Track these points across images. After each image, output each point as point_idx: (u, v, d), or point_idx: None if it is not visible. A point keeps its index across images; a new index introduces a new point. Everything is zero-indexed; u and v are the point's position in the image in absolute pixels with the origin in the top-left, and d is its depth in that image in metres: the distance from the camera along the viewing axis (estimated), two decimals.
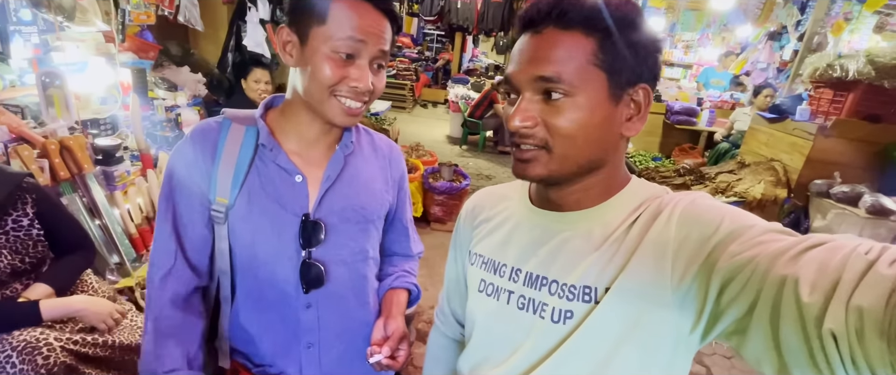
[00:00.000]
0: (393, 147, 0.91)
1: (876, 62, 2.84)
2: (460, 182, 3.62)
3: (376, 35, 0.70)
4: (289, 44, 0.72)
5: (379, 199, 0.86)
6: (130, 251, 1.72)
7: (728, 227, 0.46)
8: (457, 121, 6.61)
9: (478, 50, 11.85)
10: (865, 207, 2.71)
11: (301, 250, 0.76)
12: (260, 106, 0.80)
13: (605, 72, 0.50)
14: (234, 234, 0.76)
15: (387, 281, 0.92)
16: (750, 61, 6.12)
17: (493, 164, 5.59)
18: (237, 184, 0.74)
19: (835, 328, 0.34)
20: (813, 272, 0.37)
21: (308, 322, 0.80)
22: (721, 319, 0.45)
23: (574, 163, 0.53)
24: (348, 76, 0.69)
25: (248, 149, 0.75)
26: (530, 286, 0.59)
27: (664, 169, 4.39)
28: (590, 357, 0.54)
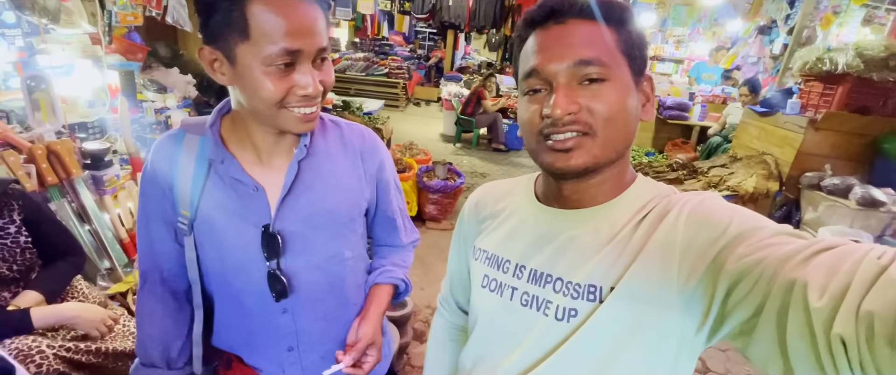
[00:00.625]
0: (365, 137, 0.85)
1: (864, 55, 2.86)
2: (455, 180, 3.61)
3: (310, 32, 0.62)
4: (216, 63, 0.65)
5: (351, 199, 0.81)
6: (122, 256, 1.70)
7: (737, 229, 0.46)
8: (450, 119, 6.59)
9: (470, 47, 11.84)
10: (856, 199, 2.74)
11: (266, 261, 0.74)
12: (213, 112, 0.75)
13: (628, 58, 0.53)
14: (202, 246, 0.76)
15: (373, 275, 0.91)
16: (740, 56, 6.17)
17: (488, 161, 5.59)
18: (195, 198, 0.72)
19: (844, 333, 0.34)
20: (822, 276, 0.37)
21: (285, 327, 0.80)
22: (727, 321, 0.45)
23: (613, 148, 0.54)
24: (294, 86, 0.63)
25: (202, 160, 0.73)
26: (535, 283, 0.59)
27: (657, 163, 4.41)
28: (593, 355, 0.54)
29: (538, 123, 0.54)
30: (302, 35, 0.62)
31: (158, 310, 0.80)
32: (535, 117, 0.54)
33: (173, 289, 0.81)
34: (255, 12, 0.60)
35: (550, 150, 0.54)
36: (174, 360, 0.81)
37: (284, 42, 0.60)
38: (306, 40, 0.62)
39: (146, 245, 0.79)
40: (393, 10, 9.10)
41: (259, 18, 0.60)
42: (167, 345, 0.80)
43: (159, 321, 0.80)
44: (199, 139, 0.74)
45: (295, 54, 0.62)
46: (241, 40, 0.61)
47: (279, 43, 0.60)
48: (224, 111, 0.77)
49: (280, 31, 0.60)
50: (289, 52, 0.61)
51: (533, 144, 0.56)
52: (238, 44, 0.61)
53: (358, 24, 9.10)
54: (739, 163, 3.59)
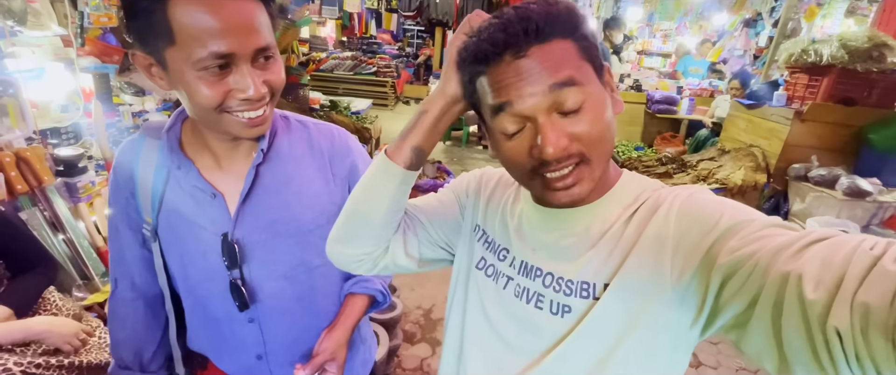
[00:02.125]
0: (335, 139, 0.80)
1: (848, 46, 2.88)
2: (444, 179, 3.59)
3: (244, 31, 0.56)
4: (153, 68, 0.60)
5: (318, 206, 0.77)
6: (99, 265, 1.64)
7: (728, 222, 0.46)
8: None
9: None
10: (842, 189, 2.76)
11: (227, 271, 0.72)
12: (173, 115, 0.71)
13: (589, 62, 0.51)
14: (167, 253, 0.74)
15: (348, 284, 0.86)
16: (726, 49, 6.20)
17: (477, 159, 5.57)
18: (156, 205, 0.70)
19: (839, 325, 0.34)
20: (816, 268, 0.37)
21: (252, 335, 0.77)
22: (721, 314, 0.45)
23: (606, 160, 0.53)
24: (232, 90, 0.58)
25: (161, 166, 0.70)
26: (527, 276, 0.59)
27: (647, 158, 4.42)
28: (591, 352, 0.54)
29: (528, 162, 0.50)
30: (233, 35, 0.56)
31: (129, 316, 0.79)
32: (522, 158, 0.51)
33: (144, 295, 0.80)
34: (178, 14, 0.54)
35: (549, 188, 0.51)
36: (147, 364, 0.81)
37: (213, 45, 0.55)
38: (239, 40, 0.57)
39: (116, 250, 0.77)
40: (380, 7, 9.02)
41: (182, 20, 0.54)
42: (140, 349, 0.80)
43: (130, 326, 0.79)
44: (159, 143, 0.72)
45: (227, 57, 0.57)
46: (168, 44, 0.56)
47: (208, 46, 0.55)
48: (185, 115, 0.73)
49: (208, 33, 0.55)
50: (219, 55, 0.56)
51: (525, 181, 0.54)
52: (165, 48, 0.57)
53: (345, 22, 9.01)
54: (728, 156, 3.61)
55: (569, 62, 0.48)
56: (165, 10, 0.54)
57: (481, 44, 0.49)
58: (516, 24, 0.47)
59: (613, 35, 4.59)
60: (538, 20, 0.47)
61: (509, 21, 0.47)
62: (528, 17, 0.47)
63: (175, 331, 0.81)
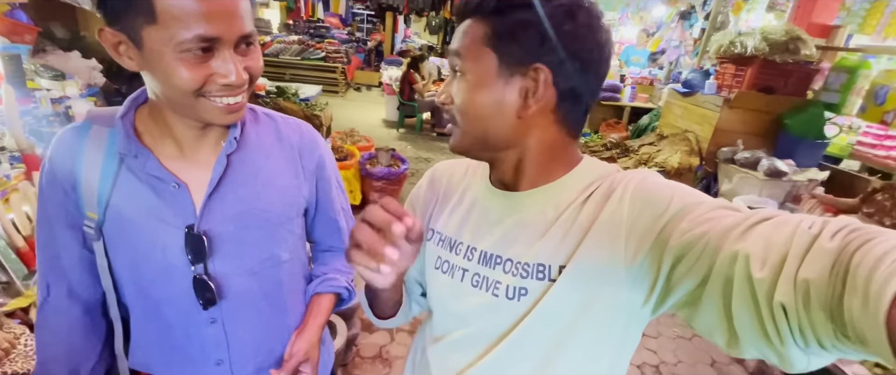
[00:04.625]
0: (304, 133, 0.80)
1: (769, 39, 3.13)
2: (399, 166, 3.56)
3: (230, 16, 0.55)
4: (122, 46, 0.57)
5: (287, 198, 0.76)
6: (20, 267, 1.49)
7: (678, 205, 0.48)
8: (392, 104, 6.48)
9: (410, 30, 11.63)
10: (763, 170, 3.03)
11: (191, 266, 0.67)
12: (126, 101, 0.66)
13: (495, 51, 0.52)
14: (114, 252, 0.67)
15: (312, 284, 0.85)
16: (664, 39, 6.55)
17: (431, 146, 5.57)
18: (103, 198, 0.64)
19: (784, 301, 0.36)
20: (762, 248, 0.39)
21: (214, 338, 0.73)
22: (672, 293, 0.48)
23: (472, 137, 0.57)
24: (213, 74, 0.57)
25: (112, 155, 0.65)
26: (485, 264, 0.60)
27: (593, 143, 4.61)
28: (547, 334, 0.56)
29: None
30: (220, 19, 0.55)
31: (64, 327, 0.71)
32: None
33: (84, 302, 0.72)
34: None
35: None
36: None
37: (199, 28, 0.53)
38: (225, 25, 0.55)
39: (49, 253, 0.69)
40: None
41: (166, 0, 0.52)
42: (77, 366, 0.71)
43: (65, 339, 0.71)
44: (109, 131, 0.66)
45: (212, 41, 0.56)
46: (147, 23, 0.53)
47: (193, 28, 0.53)
48: (140, 100, 0.68)
49: (193, 15, 0.53)
50: (204, 38, 0.55)
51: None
52: (144, 26, 0.54)
53: (290, 5, 8.60)
54: (665, 141, 3.84)
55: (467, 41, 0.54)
56: None
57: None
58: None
59: None
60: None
61: None
62: None
63: (122, 339, 0.74)
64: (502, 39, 0.52)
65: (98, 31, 0.57)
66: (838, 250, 0.35)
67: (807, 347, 0.37)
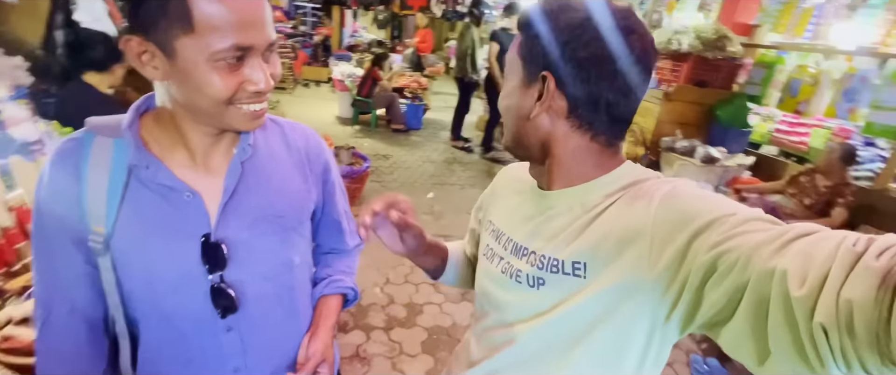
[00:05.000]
0: (309, 136, 0.82)
1: (701, 37, 3.43)
2: (360, 165, 3.54)
3: (260, 24, 0.57)
4: (146, 55, 0.57)
5: (299, 202, 0.77)
6: None
7: (709, 215, 0.46)
8: (345, 100, 6.36)
9: (358, 24, 11.40)
10: (699, 157, 3.34)
11: (208, 275, 0.68)
12: (130, 110, 0.65)
13: (522, 59, 0.59)
14: (123, 266, 0.66)
15: (319, 287, 0.87)
16: None
17: (389, 142, 5.54)
18: (112, 211, 0.63)
19: (825, 322, 0.34)
20: (801, 264, 0.37)
21: (231, 346, 0.73)
22: (701, 308, 0.46)
23: (510, 136, 0.64)
24: (245, 81, 0.59)
25: (120, 166, 0.64)
26: (514, 254, 0.65)
27: None
28: (564, 328, 0.58)
29: None
30: (253, 28, 0.57)
31: (69, 348, 0.68)
32: None
33: (88, 319, 0.69)
34: (200, 2, 0.53)
35: None
36: None
37: (235, 37, 0.55)
38: (258, 34, 0.58)
39: (47, 271, 0.67)
40: None
41: (205, 10, 0.54)
42: None
43: (71, 360, 0.68)
44: (113, 142, 0.64)
45: (246, 49, 0.57)
46: (184, 33, 0.54)
47: (229, 38, 0.55)
48: (143, 109, 0.67)
49: (230, 25, 0.55)
50: (240, 47, 0.57)
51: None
52: (179, 36, 0.55)
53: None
54: None
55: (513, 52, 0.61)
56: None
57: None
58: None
59: (512, 19, 4.86)
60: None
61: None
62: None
63: (129, 356, 0.72)
64: (525, 50, 0.59)
65: (124, 40, 0.57)
66: (885, 270, 0.33)
67: (849, 371, 0.35)
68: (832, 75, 3.14)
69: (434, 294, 2.68)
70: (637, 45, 0.54)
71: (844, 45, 3.39)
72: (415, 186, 4.27)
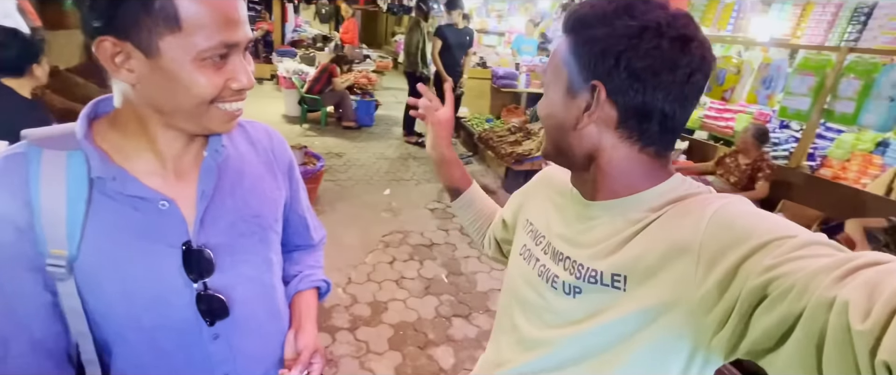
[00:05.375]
0: (272, 134, 0.81)
1: None
2: (314, 164, 3.45)
3: (242, 21, 0.57)
4: (120, 56, 0.54)
5: (272, 201, 0.77)
6: None
7: (765, 236, 0.43)
8: (291, 98, 6.14)
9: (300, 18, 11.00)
10: None
11: (192, 284, 0.65)
12: (81, 118, 0.61)
13: (566, 68, 0.57)
14: (93, 287, 0.62)
15: (293, 283, 0.87)
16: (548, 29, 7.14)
17: (341, 140, 5.43)
18: (75, 230, 0.58)
19: (890, 360, 0.32)
20: (865, 296, 0.35)
21: (220, 353, 0.71)
22: (749, 334, 0.44)
23: (551, 144, 0.63)
24: (230, 79, 0.58)
25: (78, 182, 0.59)
26: (552, 259, 0.64)
27: (498, 128, 4.92)
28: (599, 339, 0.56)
29: None
30: (236, 25, 0.56)
31: None
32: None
33: (52, 353, 0.63)
34: (185, 1, 0.52)
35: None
36: None
37: (221, 35, 0.54)
38: (241, 31, 0.57)
39: (2, 307, 0.60)
40: None
41: (191, 7, 0.52)
42: None
43: None
44: (66, 155, 0.59)
45: (232, 47, 0.57)
46: (169, 32, 0.53)
47: (216, 36, 0.54)
48: (92, 115, 0.62)
49: (216, 22, 0.54)
50: (227, 44, 0.56)
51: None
52: (164, 36, 0.53)
53: None
54: None
55: (553, 60, 0.59)
56: None
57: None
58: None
59: (454, 15, 4.89)
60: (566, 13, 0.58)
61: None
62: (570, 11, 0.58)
63: None
64: (572, 57, 0.56)
65: (97, 42, 0.53)
66: None
67: None
68: (752, 65, 3.44)
69: (398, 290, 2.68)
70: (697, 53, 0.51)
71: (761, 38, 3.73)
72: (371, 183, 4.22)
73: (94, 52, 0.54)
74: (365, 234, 3.24)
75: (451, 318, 2.48)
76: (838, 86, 2.74)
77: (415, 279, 2.81)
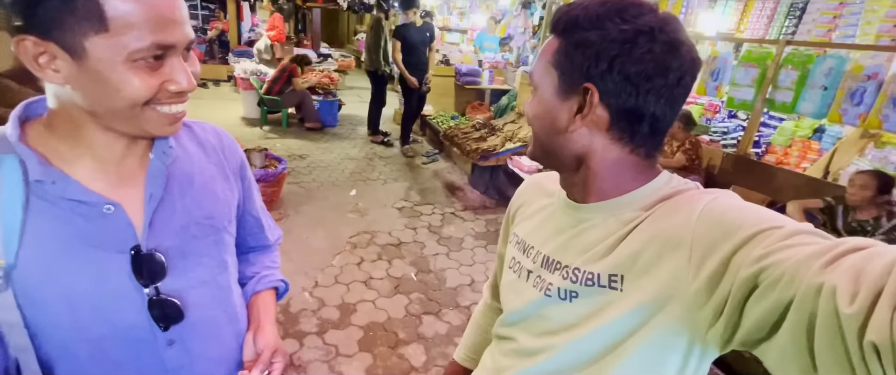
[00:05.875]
0: (221, 134, 0.79)
1: None
2: (276, 166, 3.36)
3: (179, 21, 0.54)
4: (44, 56, 0.51)
5: (224, 202, 0.75)
6: None
7: (753, 227, 0.45)
8: (250, 99, 5.94)
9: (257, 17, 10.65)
10: None
11: (143, 289, 0.63)
12: (12, 120, 0.58)
13: (557, 70, 0.56)
14: (34, 298, 0.58)
15: (250, 284, 0.85)
16: (509, 26, 7.24)
17: (303, 142, 5.30)
18: (13, 238, 0.55)
19: (877, 340, 0.33)
20: (852, 280, 0.36)
21: (175, 359, 0.69)
22: (743, 324, 0.44)
23: (539, 148, 0.62)
24: (167, 81, 0.55)
25: (12, 187, 0.56)
26: (545, 267, 0.63)
27: (463, 125, 4.94)
28: (597, 341, 0.56)
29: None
30: (172, 25, 0.53)
31: None
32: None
33: None
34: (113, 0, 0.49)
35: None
36: None
37: (154, 35, 0.52)
38: (177, 32, 0.54)
39: None
40: None
41: (119, 7, 0.50)
42: None
43: None
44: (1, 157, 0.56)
45: (167, 48, 0.54)
46: (94, 32, 0.50)
47: (148, 37, 0.51)
48: (23, 117, 0.59)
49: (147, 22, 0.51)
50: (161, 46, 0.53)
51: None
52: (89, 35, 0.50)
53: None
54: (525, 118, 4.33)
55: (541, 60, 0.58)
56: None
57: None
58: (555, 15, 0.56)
59: (410, 14, 4.84)
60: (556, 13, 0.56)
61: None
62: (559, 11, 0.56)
63: None
64: (564, 59, 0.55)
65: (17, 40, 0.50)
66: None
67: None
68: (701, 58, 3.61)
69: (366, 291, 2.65)
70: (687, 57, 0.52)
71: (708, 32, 3.92)
72: (336, 185, 4.15)
73: (14, 52, 0.51)
74: (331, 236, 3.19)
75: (422, 316, 2.48)
76: (778, 76, 2.92)
77: (383, 279, 2.78)
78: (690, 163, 3.31)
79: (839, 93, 2.60)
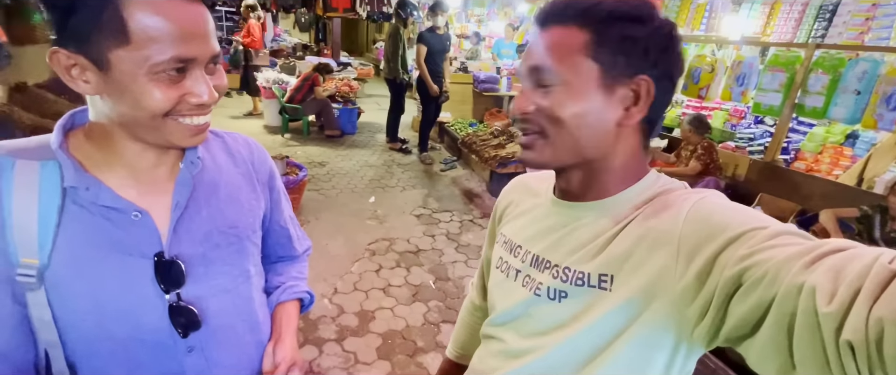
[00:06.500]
0: (251, 145, 0.81)
1: None
2: (297, 174, 3.41)
3: (203, 36, 0.56)
4: (75, 68, 0.54)
5: (249, 211, 0.77)
6: None
7: (738, 228, 0.45)
8: (272, 108, 6.07)
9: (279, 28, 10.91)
10: None
11: (164, 295, 0.65)
12: (57, 129, 0.61)
13: (598, 62, 0.52)
14: (64, 297, 0.61)
15: (275, 294, 0.86)
16: (527, 33, 7.23)
17: (323, 149, 5.38)
18: (48, 239, 0.58)
19: (853, 339, 0.33)
20: (830, 281, 0.36)
21: (195, 366, 0.70)
22: (728, 322, 0.45)
23: (563, 147, 0.56)
24: (187, 93, 0.57)
25: (51, 191, 0.59)
26: (535, 267, 0.63)
27: (482, 132, 4.94)
28: (586, 340, 0.56)
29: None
30: (194, 39, 0.55)
31: None
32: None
33: (17, 364, 0.62)
34: (135, 13, 0.51)
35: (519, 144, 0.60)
36: None
37: (175, 49, 0.53)
38: (199, 46, 0.56)
39: None
40: None
41: (141, 21, 0.52)
42: None
43: None
44: (40, 165, 0.59)
45: (188, 61, 0.55)
46: (118, 45, 0.52)
47: (169, 50, 0.53)
48: (68, 126, 0.62)
49: (170, 36, 0.53)
50: (181, 59, 0.55)
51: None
52: (113, 49, 0.52)
53: None
54: None
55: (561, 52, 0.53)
56: (118, 7, 0.51)
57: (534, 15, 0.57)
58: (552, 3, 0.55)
59: (437, 18, 4.90)
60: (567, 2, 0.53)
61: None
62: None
63: None
64: (607, 50, 0.52)
65: (50, 53, 0.53)
66: None
67: None
68: (725, 63, 3.53)
69: (385, 298, 2.65)
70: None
71: (732, 36, 3.83)
72: (355, 192, 4.19)
73: (48, 63, 0.54)
74: (350, 243, 3.21)
75: (440, 324, 2.47)
76: (807, 81, 2.83)
77: (402, 286, 2.79)
78: (706, 168, 3.22)
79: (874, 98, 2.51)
